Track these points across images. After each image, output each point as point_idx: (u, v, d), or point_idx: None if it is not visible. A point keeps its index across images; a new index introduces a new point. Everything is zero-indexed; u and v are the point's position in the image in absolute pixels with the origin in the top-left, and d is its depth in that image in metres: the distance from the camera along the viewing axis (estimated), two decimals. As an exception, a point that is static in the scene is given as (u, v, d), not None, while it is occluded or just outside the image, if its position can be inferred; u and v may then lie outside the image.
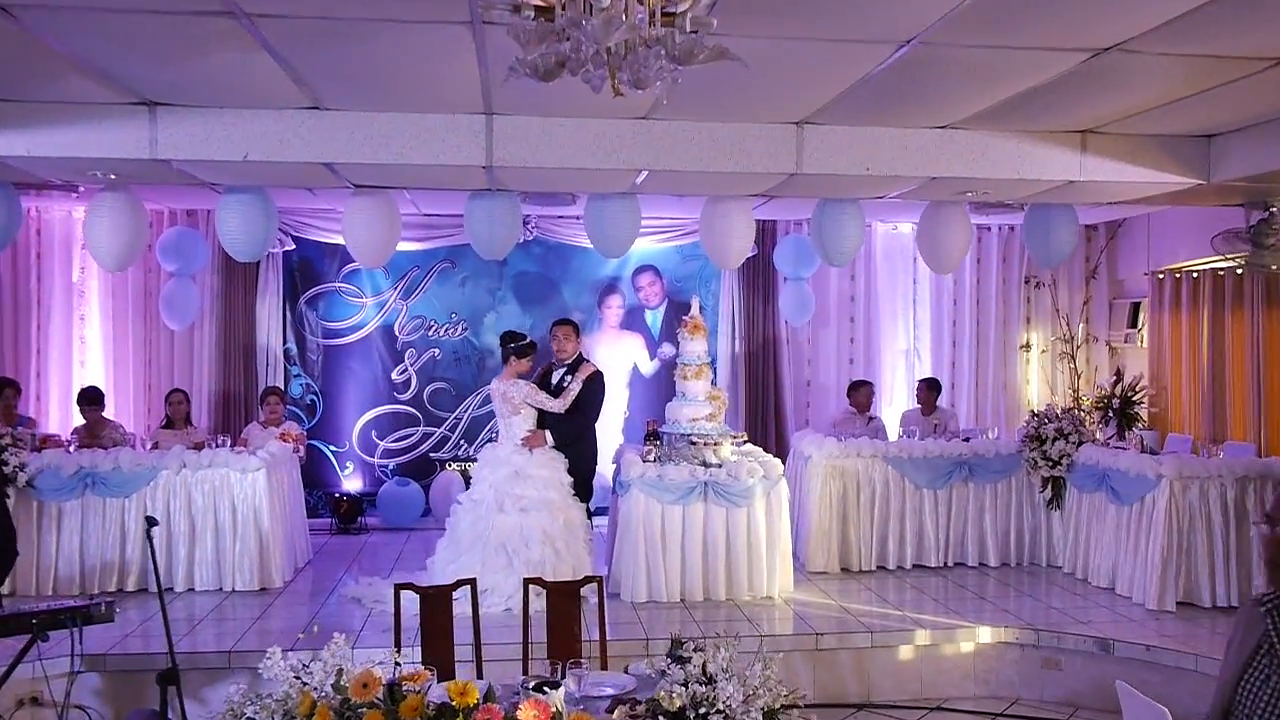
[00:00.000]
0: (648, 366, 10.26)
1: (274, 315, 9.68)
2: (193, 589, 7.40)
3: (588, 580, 5.04)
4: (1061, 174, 6.03)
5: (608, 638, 4.87)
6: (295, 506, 8.12)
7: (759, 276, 10.23)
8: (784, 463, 7.65)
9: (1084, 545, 7.78)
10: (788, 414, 10.27)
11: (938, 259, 6.77)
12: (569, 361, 7.52)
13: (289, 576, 7.71)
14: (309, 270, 9.84)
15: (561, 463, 7.21)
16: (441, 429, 9.94)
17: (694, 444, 7.44)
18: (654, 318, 10.27)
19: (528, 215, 9.75)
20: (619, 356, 10.21)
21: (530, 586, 4.97)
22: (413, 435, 9.96)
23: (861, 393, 9.40)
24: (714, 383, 7.93)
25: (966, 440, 8.40)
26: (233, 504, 7.42)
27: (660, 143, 5.79)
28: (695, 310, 7.78)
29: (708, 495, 7.14)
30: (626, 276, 10.20)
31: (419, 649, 4.75)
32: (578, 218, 9.79)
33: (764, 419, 10.17)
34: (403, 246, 9.72)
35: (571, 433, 7.34)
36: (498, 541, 6.96)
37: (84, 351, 9.51)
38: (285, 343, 9.79)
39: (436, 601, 4.86)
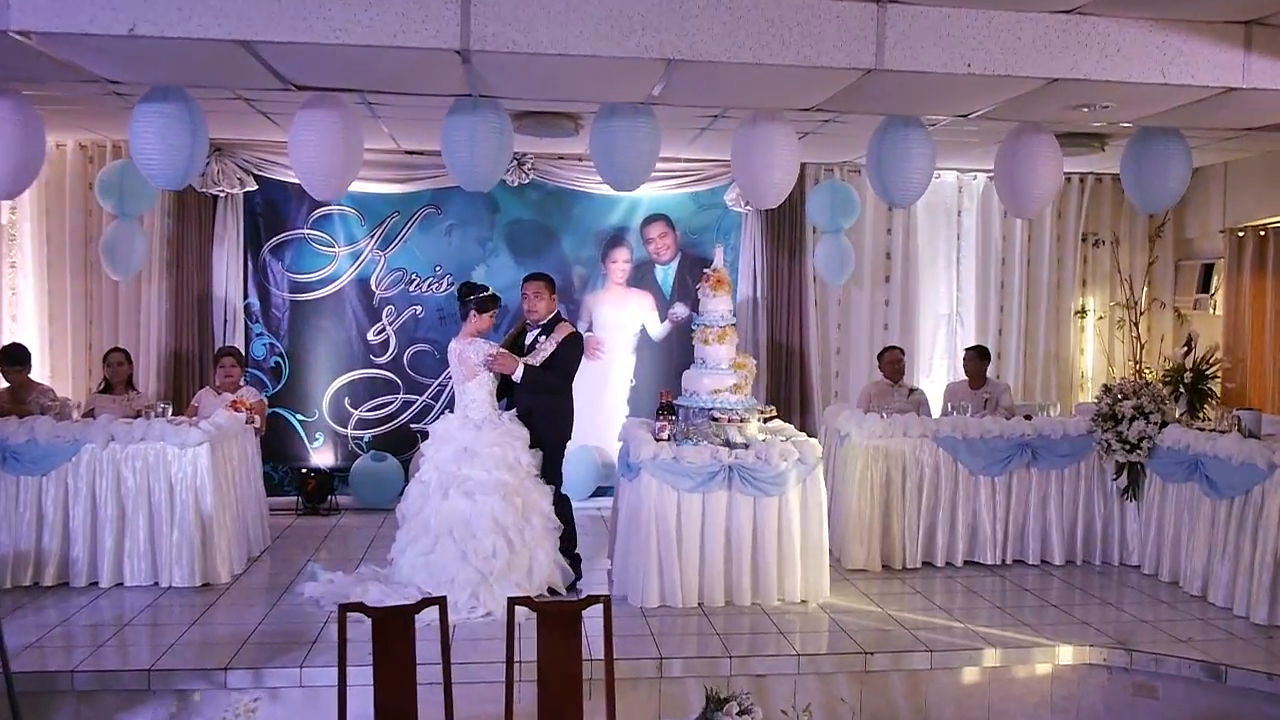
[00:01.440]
0: (657, 329, 9.09)
1: (233, 265, 8.49)
2: (122, 584, 6.28)
3: (591, 601, 3.92)
4: (1218, 78, 4.75)
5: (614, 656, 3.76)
6: (249, 487, 6.99)
7: (786, 228, 9.04)
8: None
9: (1168, 544, 6.65)
10: (814, 386, 9.12)
11: (1022, 197, 5.57)
12: (543, 323, 6.40)
13: (239, 569, 6.59)
14: (274, 214, 8.64)
15: (520, 438, 6.11)
16: (424, 397, 8.80)
17: (716, 420, 6.30)
18: (665, 274, 9.09)
19: (523, 153, 8.55)
20: (625, 317, 9.05)
21: (517, 608, 3.85)
22: (391, 404, 8.82)
23: (890, 359, 8.27)
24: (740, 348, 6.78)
25: (1028, 418, 7.25)
26: (169, 484, 6.28)
27: (694, 23, 4.41)
28: (719, 261, 6.62)
29: (732, 481, 6.01)
30: (635, 227, 9.01)
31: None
32: (580, 157, 8.62)
33: (788, 392, 9.01)
34: (380, 189, 8.59)
35: (539, 401, 6.23)
36: (442, 530, 5.88)
37: (16, 305, 8.32)
38: (246, 297, 8.61)
39: (391, 625, 3.75)
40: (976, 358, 8.27)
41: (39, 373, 8.27)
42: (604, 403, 8.85)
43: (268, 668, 4.97)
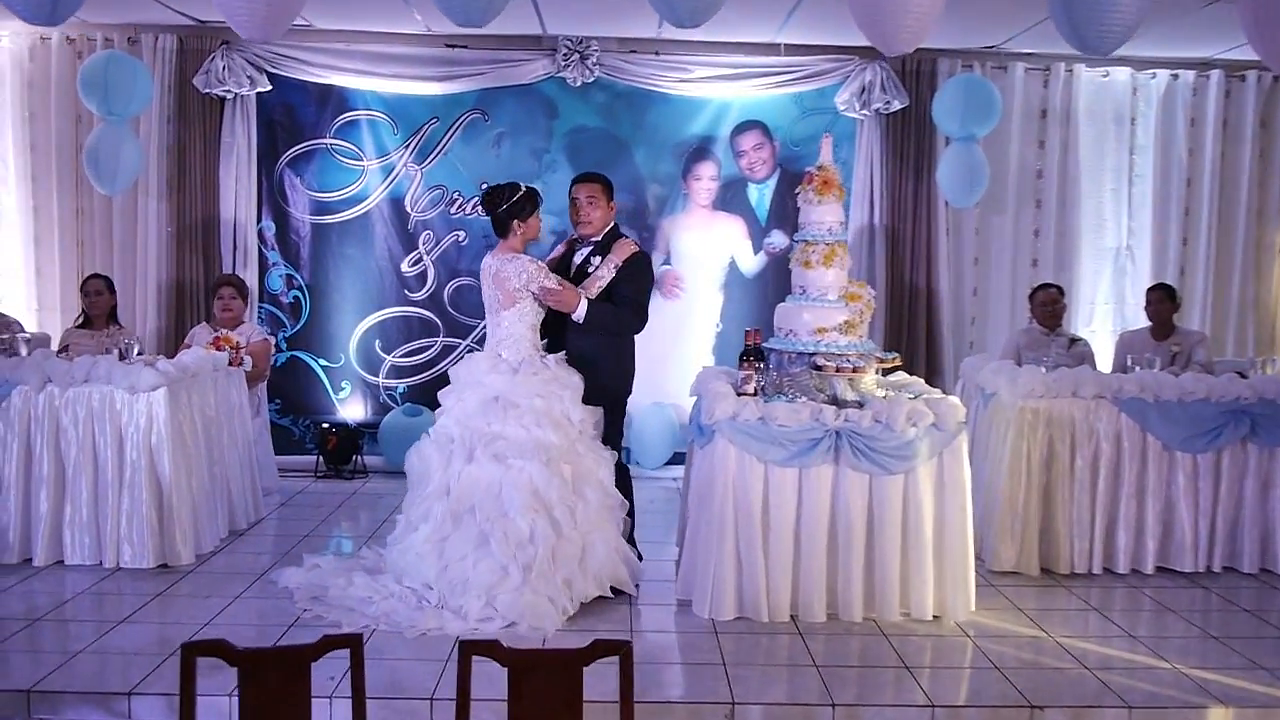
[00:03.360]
0: (750, 262, 7.44)
1: (244, 181, 7.12)
2: (61, 562, 5.00)
3: (601, 651, 2.38)
4: None
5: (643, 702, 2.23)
6: (232, 446, 5.62)
7: (910, 138, 7.26)
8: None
9: None
10: (943, 335, 7.36)
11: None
12: (597, 238, 4.85)
13: (209, 547, 5.23)
14: (292, 121, 7.24)
15: (570, 387, 4.63)
16: (468, 341, 7.35)
17: (820, 369, 4.66)
18: (760, 194, 7.42)
19: (586, 41, 6.96)
20: (711, 247, 7.42)
21: (473, 657, 2.33)
22: (430, 348, 7.40)
23: (1044, 299, 6.50)
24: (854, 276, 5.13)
25: (1242, 376, 5.41)
26: (119, 439, 4.96)
27: None
28: (826, 157, 4.94)
29: (840, 452, 4.38)
30: (723, 136, 7.35)
31: None
32: (657, 50, 7.02)
33: (911, 339, 7.29)
34: (415, 89, 7.14)
35: (594, 342, 4.75)
36: (462, 506, 4.42)
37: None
38: (260, 220, 7.26)
39: (267, 676, 2.27)
40: (1165, 299, 6.41)
41: (25, 303, 7.11)
42: (684, 352, 7.27)
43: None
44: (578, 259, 4.92)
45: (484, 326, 7.02)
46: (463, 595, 4.31)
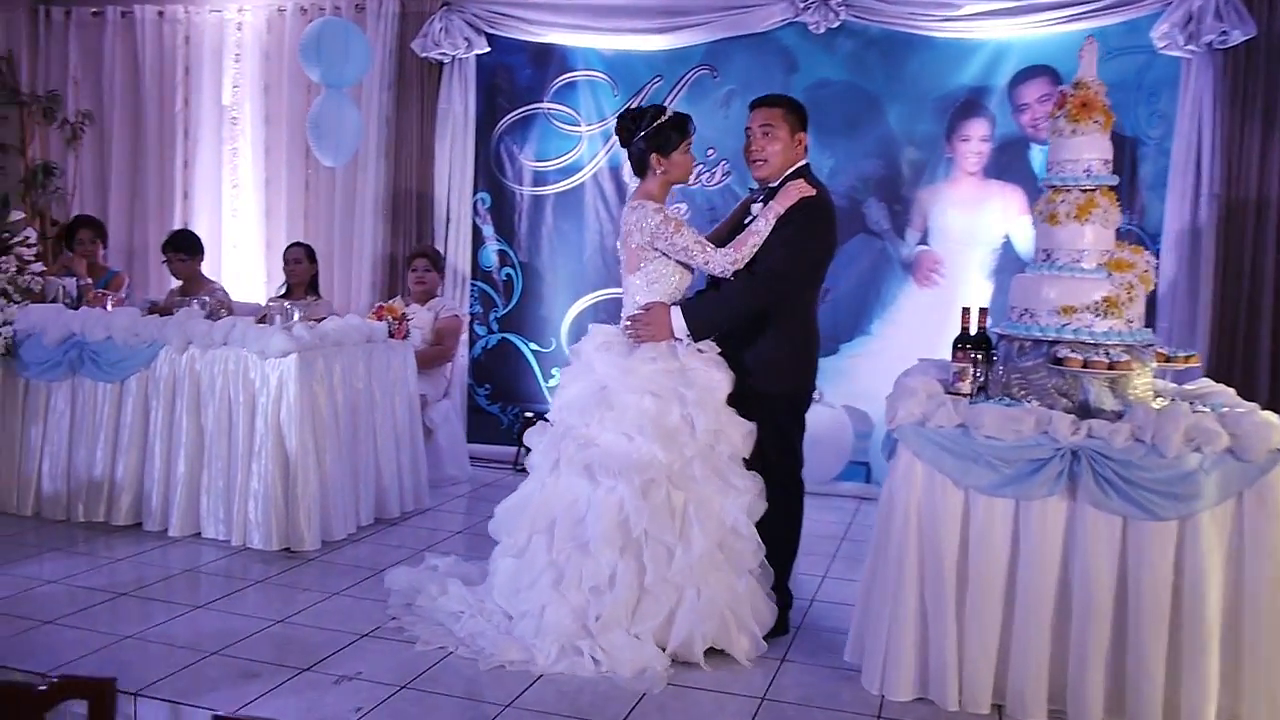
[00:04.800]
0: (1031, 241, 5.98)
1: (460, 148, 6.66)
2: (199, 535, 4.68)
3: (66, 690, 1.40)
4: None
5: None
6: (389, 425, 5.08)
7: (1258, 80, 5.49)
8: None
9: None
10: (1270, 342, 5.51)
11: None
12: (775, 183, 3.76)
13: (342, 533, 4.72)
14: (510, 85, 6.72)
15: (704, 385, 3.58)
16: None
17: (1060, 362, 3.32)
18: (1046, 158, 5.94)
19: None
20: (980, 224, 6.03)
21: None
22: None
23: None
24: (1128, 236, 3.71)
25: None
26: (252, 408, 4.56)
27: None
28: (1088, 69, 3.58)
29: (1078, 482, 3.04)
30: (1000, 87, 5.96)
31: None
32: (917, -17, 5.79)
33: (1249, 351, 5.50)
34: (637, 44, 6.38)
35: (747, 317, 3.69)
36: (540, 524, 3.55)
37: (236, 197, 7.21)
38: (476, 190, 6.79)
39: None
40: None
41: (255, 278, 7.12)
42: (942, 351, 5.93)
43: (185, 703, 3.01)
44: (755, 210, 3.89)
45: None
46: (535, 636, 3.43)
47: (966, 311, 3.58)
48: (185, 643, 3.48)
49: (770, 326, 3.74)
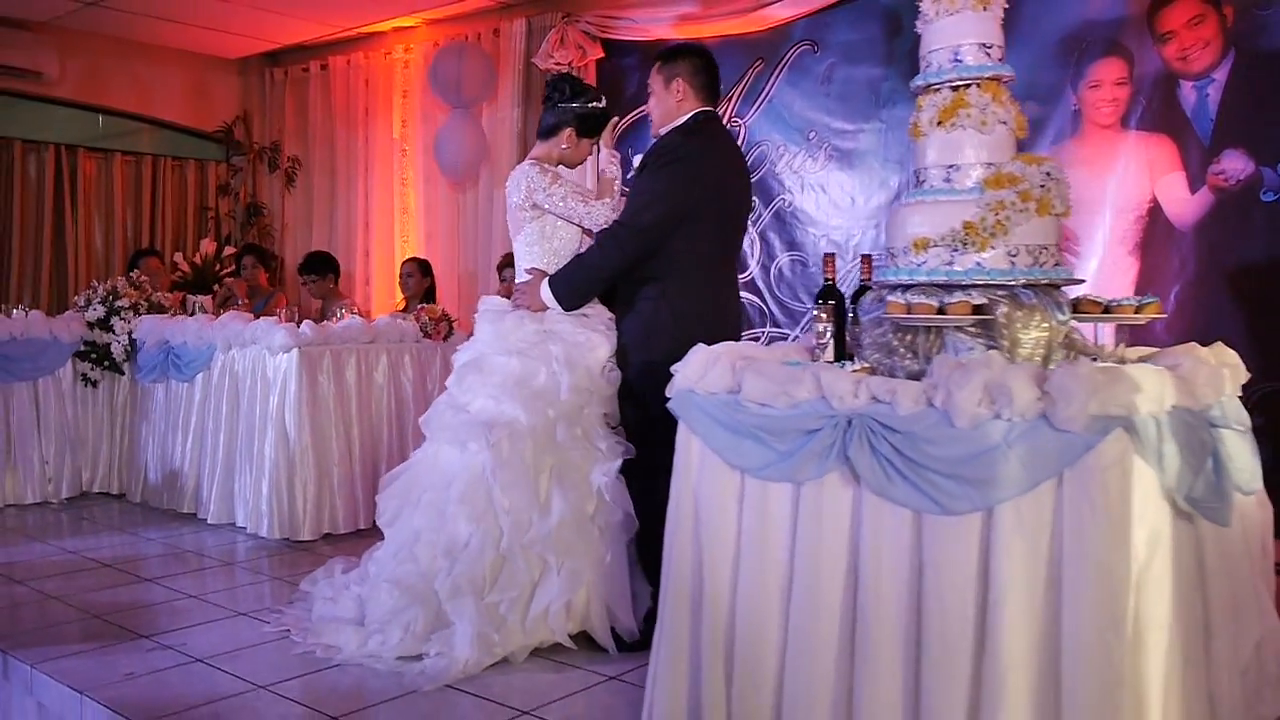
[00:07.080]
0: (1185, 204, 4.73)
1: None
2: (233, 524, 4.97)
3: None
4: None
5: None
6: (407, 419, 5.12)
7: None
8: None
9: None
10: None
11: None
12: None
13: (346, 528, 4.78)
14: (620, 89, 6.56)
15: (576, 342, 3.34)
16: (797, 330, 5.87)
17: (909, 311, 2.54)
18: (1200, 96, 4.65)
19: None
20: (1120, 186, 4.87)
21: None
22: (756, 340, 6.07)
23: None
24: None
25: None
26: (265, 400, 4.79)
27: None
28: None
29: (857, 462, 2.29)
30: (1136, 15, 4.77)
31: None
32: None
33: None
34: (739, 28, 5.99)
35: (613, 276, 3.33)
36: (409, 497, 3.41)
37: (405, 224, 7.68)
38: (593, 199, 6.66)
39: None
40: None
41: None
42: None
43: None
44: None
45: (810, 312, 5.66)
46: (377, 613, 3.21)
47: (829, 259, 2.87)
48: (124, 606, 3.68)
49: (648, 285, 3.32)
